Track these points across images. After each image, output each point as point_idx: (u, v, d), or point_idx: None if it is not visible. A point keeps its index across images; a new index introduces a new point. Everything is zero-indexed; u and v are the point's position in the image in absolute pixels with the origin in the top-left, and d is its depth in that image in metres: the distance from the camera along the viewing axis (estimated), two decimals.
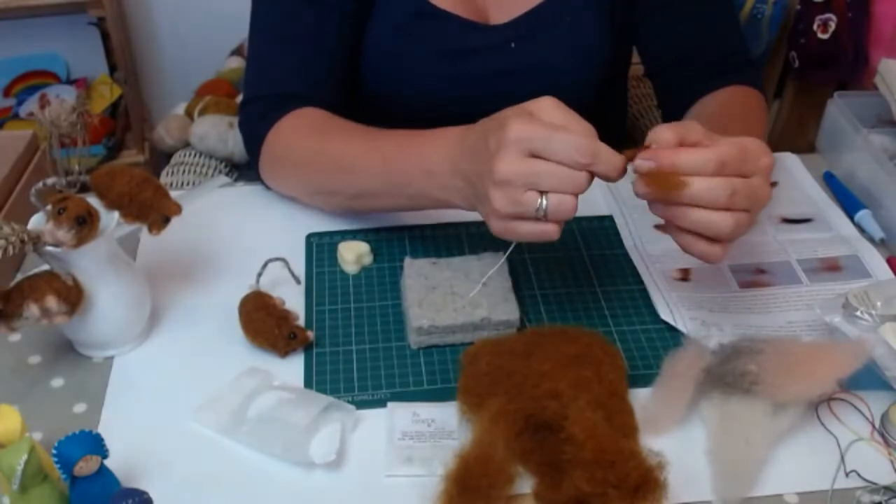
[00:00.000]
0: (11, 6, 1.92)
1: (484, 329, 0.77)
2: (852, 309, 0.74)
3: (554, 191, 0.64)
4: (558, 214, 0.65)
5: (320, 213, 0.94)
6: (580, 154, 0.64)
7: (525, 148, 0.64)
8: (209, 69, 2.01)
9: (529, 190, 0.65)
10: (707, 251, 0.69)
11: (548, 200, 0.65)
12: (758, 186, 0.67)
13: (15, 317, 0.69)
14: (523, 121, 0.65)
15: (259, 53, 0.98)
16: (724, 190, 0.65)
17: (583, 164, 0.64)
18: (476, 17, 1.00)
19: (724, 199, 0.65)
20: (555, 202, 0.65)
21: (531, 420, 0.66)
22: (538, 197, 0.65)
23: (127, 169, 0.74)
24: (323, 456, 0.67)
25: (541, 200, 0.65)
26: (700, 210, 0.66)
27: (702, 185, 0.65)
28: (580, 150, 0.64)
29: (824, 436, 0.70)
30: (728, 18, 1.06)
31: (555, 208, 0.65)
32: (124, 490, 0.59)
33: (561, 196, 0.65)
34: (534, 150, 0.64)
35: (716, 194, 0.65)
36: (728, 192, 0.65)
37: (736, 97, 0.99)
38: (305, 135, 0.90)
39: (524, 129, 0.65)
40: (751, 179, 0.67)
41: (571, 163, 0.64)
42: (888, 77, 0.97)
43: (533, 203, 0.65)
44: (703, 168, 0.65)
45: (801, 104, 1.74)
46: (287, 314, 0.77)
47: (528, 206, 0.65)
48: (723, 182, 0.65)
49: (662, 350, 0.76)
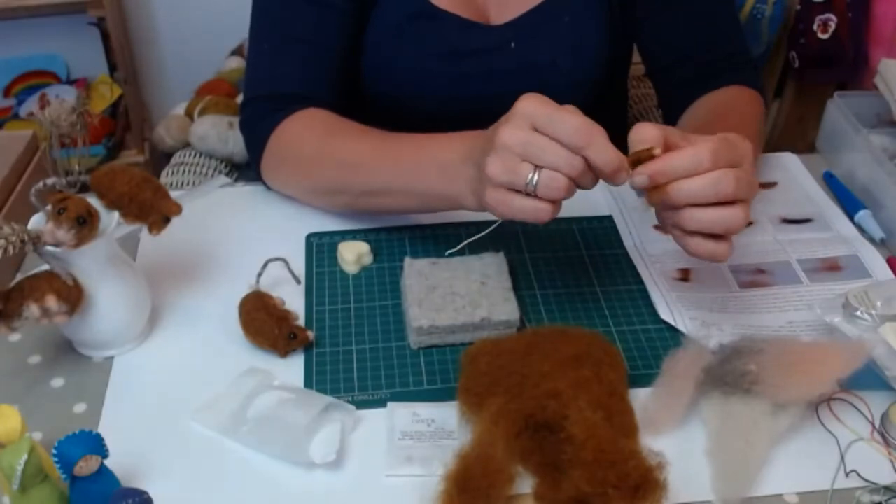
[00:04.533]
0: (11, 6, 1.92)
1: (484, 329, 0.77)
2: (852, 309, 0.74)
3: (548, 166, 0.66)
4: (549, 191, 0.66)
5: (320, 213, 0.94)
6: (577, 135, 0.65)
7: (529, 121, 0.66)
8: (209, 69, 2.01)
9: (525, 161, 0.66)
10: (716, 251, 0.69)
11: (539, 175, 0.66)
12: (750, 173, 0.68)
13: (15, 317, 0.69)
14: (536, 97, 0.67)
15: (259, 53, 0.98)
16: (726, 180, 0.66)
17: (578, 145, 0.65)
18: (476, 17, 1.00)
19: (729, 188, 0.66)
20: (546, 178, 0.66)
21: (531, 420, 0.66)
22: (532, 170, 0.66)
23: (127, 169, 0.74)
24: (323, 456, 0.67)
25: (533, 175, 0.66)
26: (710, 209, 0.67)
27: (701, 182, 0.65)
28: (578, 131, 0.65)
29: (824, 436, 0.70)
30: (728, 18, 1.06)
31: (546, 183, 0.66)
32: (124, 490, 0.59)
33: (553, 173, 0.66)
34: (537, 125, 0.66)
35: (717, 187, 0.66)
36: (732, 181, 0.66)
37: (734, 97, 0.99)
38: (311, 134, 0.90)
39: (534, 104, 0.67)
40: (742, 168, 0.68)
41: (568, 142, 0.65)
42: (888, 77, 0.97)
43: (525, 174, 0.66)
44: (698, 166, 0.66)
45: (801, 104, 1.74)
46: (287, 314, 0.77)
47: (520, 177, 0.66)
48: (722, 173, 0.66)
49: (662, 350, 0.76)
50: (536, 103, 0.67)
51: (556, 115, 0.66)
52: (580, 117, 0.66)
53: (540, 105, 0.67)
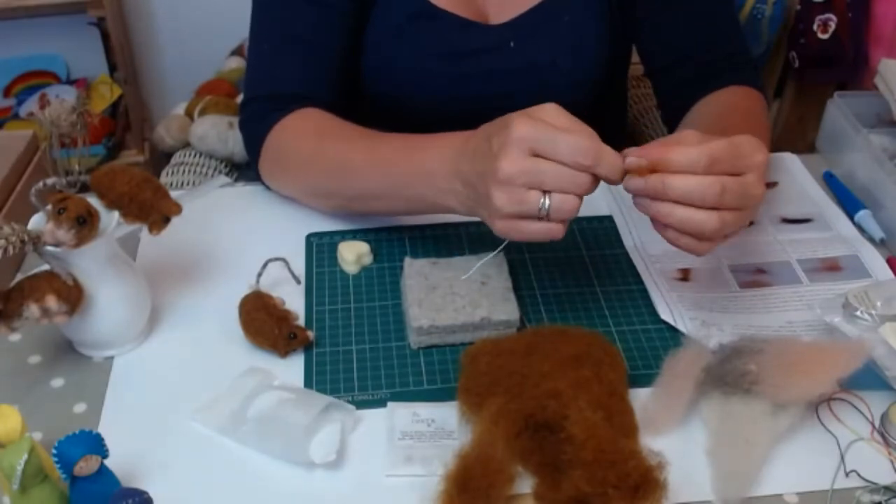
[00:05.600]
0: (11, 6, 1.92)
1: (484, 329, 0.77)
2: (852, 309, 0.74)
3: (557, 190, 0.64)
4: (561, 213, 0.65)
5: (320, 213, 0.94)
6: (583, 156, 0.64)
7: (528, 147, 0.64)
8: (209, 69, 2.01)
9: (532, 189, 0.65)
10: (693, 245, 0.68)
11: (551, 200, 0.64)
12: (750, 184, 0.66)
13: (15, 317, 0.69)
14: (527, 121, 0.65)
15: (259, 53, 0.98)
16: (713, 188, 0.64)
17: (585, 165, 0.64)
18: (476, 16, 1.00)
19: (714, 197, 0.65)
20: (558, 201, 0.65)
21: (531, 420, 0.66)
22: (541, 196, 0.65)
23: (127, 169, 0.74)
24: (323, 456, 0.67)
25: (544, 200, 0.65)
26: (684, 208, 0.66)
27: (691, 183, 0.65)
28: (583, 151, 0.64)
29: (824, 436, 0.70)
30: (728, 18, 1.06)
31: (558, 207, 0.65)
32: (124, 490, 0.59)
33: (564, 196, 0.64)
34: (537, 150, 0.64)
35: (704, 193, 0.65)
36: (717, 191, 0.64)
37: (736, 97, 0.99)
38: (305, 136, 0.90)
39: (528, 128, 0.65)
40: (743, 177, 0.66)
41: (574, 164, 0.64)
42: (888, 77, 0.97)
43: (536, 202, 0.65)
44: (693, 166, 0.65)
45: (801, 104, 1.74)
46: (287, 314, 0.77)
47: (531, 206, 0.65)
48: (712, 180, 0.65)
49: (662, 350, 0.76)
50: (530, 127, 0.65)
51: (557, 137, 0.64)
52: (581, 135, 0.64)
53: (535, 128, 0.64)
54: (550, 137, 0.64)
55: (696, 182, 0.65)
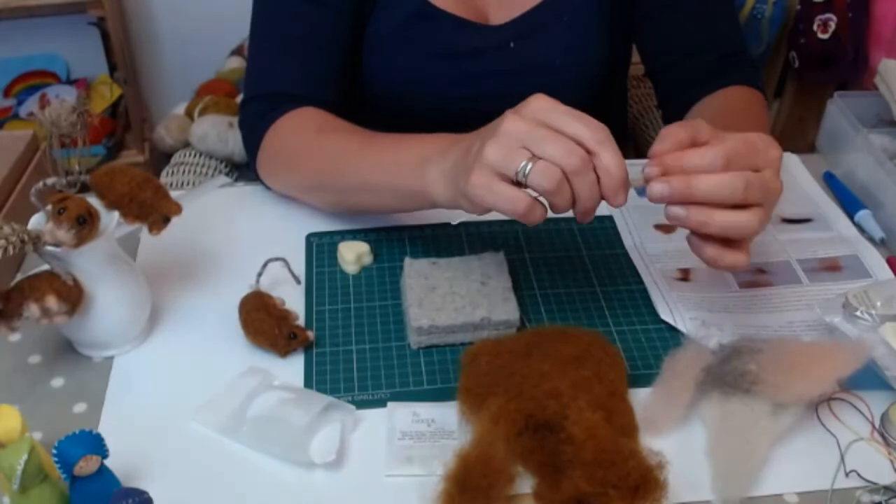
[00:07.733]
0: (11, 6, 1.92)
1: (484, 329, 0.77)
2: (852, 309, 0.74)
3: (546, 157, 0.64)
4: (537, 180, 0.64)
5: (320, 213, 0.94)
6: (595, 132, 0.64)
7: (538, 116, 0.65)
8: (209, 69, 2.01)
9: (523, 148, 0.64)
10: (735, 260, 0.68)
11: (533, 164, 0.64)
12: (768, 179, 0.67)
13: (15, 317, 0.69)
14: (548, 98, 0.66)
15: (259, 53, 0.98)
16: (736, 184, 0.65)
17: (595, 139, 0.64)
18: (475, 17, 1.00)
19: (739, 192, 0.65)
20: (540, 166, 0.64)
21: (531, 420, 0.66)
22: (527, 158, 0.64)
23: (127, 169, 0.74)
24: (323, 456, 0.67)
25: (527, 164, 0.64)
26: (722, 211, 0.66)
27: (712, 182, 0.65)
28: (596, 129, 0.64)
29: (824, 436, 0.70)
30: (728, 18, 1.06)
31: (538, 171, 0.64)
32: (124, 490, 0.59)
33: (548, 164, 0.64)
34: (547, 119, 0.65)
35: (728, 189, 0.65)
36: (742, 185, 0.65)
37: (737, 97, 0.99)
38: (302, 131, 0.90)
39: (546, 102, 0.66)
40: (762, 173, 0.66)
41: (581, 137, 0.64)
42: (888, 77, 0.97)
43: (519, 161, 0.64)
44: (711, 166, 0.65)
45: (801, 104, 1.74)
46: (287, 314, 0.77)
47: (514, 162, 0.64)
48: (736, 175, 0.65)
49: (662, 350, 0.76)
50: (550, 102, 0.66)
51: (572, 112, 0.65)
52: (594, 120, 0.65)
53: (553, 104, 0.66)
54: (567, 111, 0.65)
55: (720, 179, 0.65)
